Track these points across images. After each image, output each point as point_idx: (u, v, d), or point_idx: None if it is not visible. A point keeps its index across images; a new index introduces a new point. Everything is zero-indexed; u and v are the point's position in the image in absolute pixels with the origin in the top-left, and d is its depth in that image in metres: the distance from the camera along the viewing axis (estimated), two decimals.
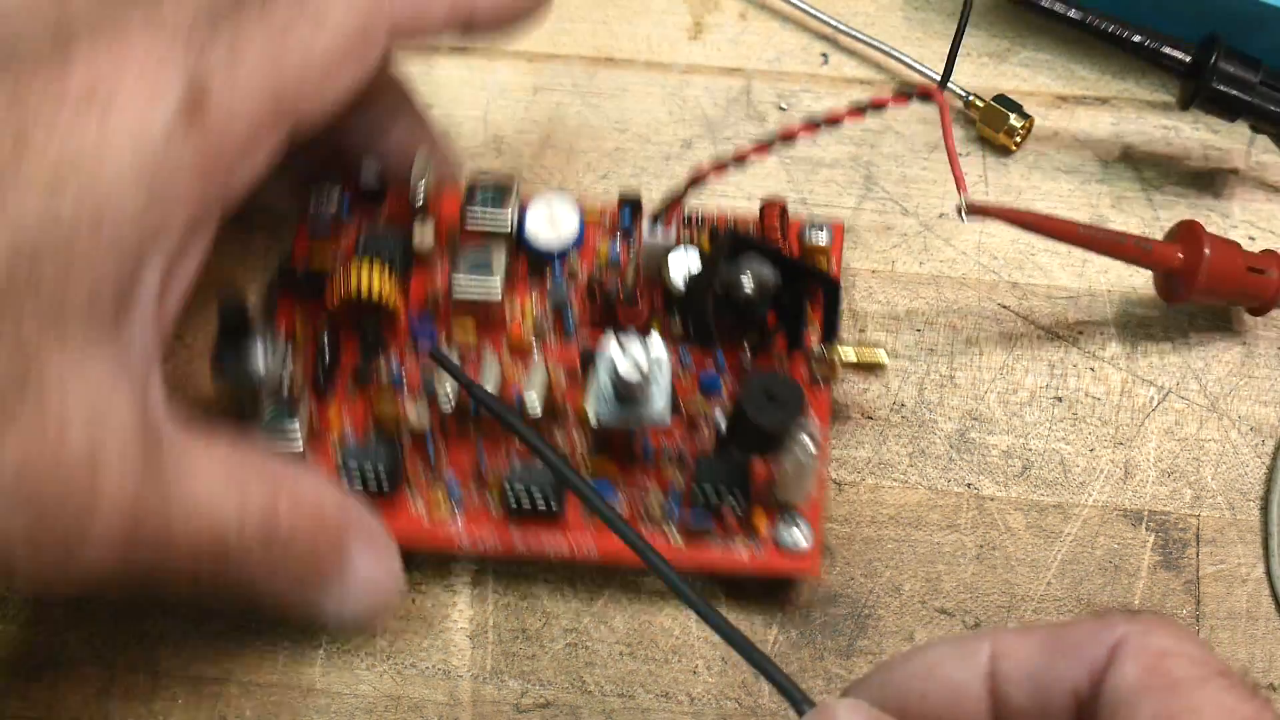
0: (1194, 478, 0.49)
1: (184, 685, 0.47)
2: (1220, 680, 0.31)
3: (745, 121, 0.56)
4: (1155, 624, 0.32)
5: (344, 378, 0.49)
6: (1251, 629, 0.47)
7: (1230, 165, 0.55)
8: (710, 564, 0.46)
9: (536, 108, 0.57)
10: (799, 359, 0.49)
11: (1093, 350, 0.52)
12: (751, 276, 0.47)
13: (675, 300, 0.49)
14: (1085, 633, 0.33)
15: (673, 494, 0.47)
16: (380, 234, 0.50)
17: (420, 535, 0.46)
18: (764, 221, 0.50)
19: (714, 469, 0.46)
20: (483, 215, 0.49)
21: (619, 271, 0.50)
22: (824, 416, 0.48)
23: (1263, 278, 0.50)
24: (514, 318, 0.50)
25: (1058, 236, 0.48)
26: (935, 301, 0.53)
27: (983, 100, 0.55)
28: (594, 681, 0.47)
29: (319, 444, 0.48)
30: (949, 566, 0.48)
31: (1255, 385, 0.51)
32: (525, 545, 0.46)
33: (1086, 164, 0.55)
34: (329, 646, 0.47)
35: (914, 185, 0.55)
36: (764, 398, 0.44)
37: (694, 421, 0.48)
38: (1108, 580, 0.48)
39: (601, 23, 0.59)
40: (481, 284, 0.48)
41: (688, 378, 0.49)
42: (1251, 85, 0.51)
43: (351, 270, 0.48)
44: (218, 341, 0.47)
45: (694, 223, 0.51)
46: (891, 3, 0.59)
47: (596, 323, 0.49)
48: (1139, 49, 0.51)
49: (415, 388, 0.48)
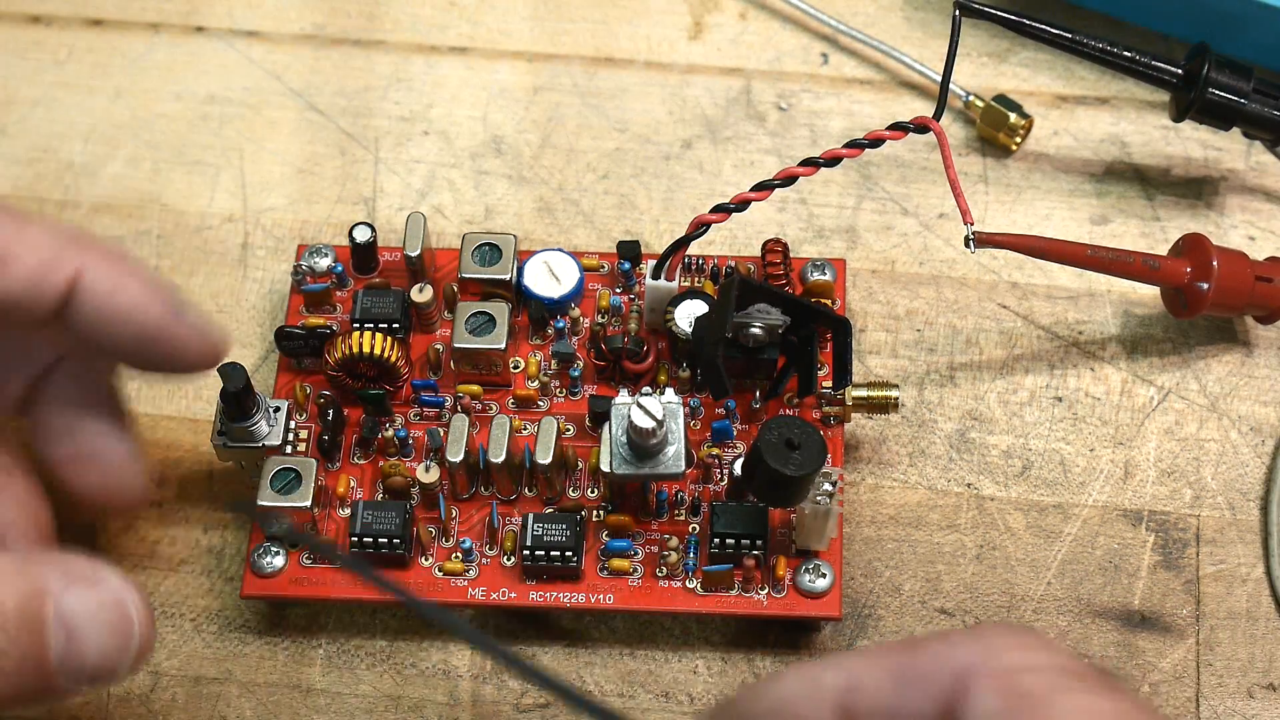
0: (1194, 478, 0.49)
1: (184, 685, 0.47)
2: (1077, 684, 0.30)
3: (745, 121, 0.56)
4: (1000, 642, 0.32)
5: (348, 441, 0.49)
6: (1251, 629, 0.47)
7: (1229, 165, 0.55)
8: (730, 610, 0.46)
9: (536, 108, 0.57)
10: (809, 400, 0.48)
11: (1093, 350, 0.52)
12: (760, 321, 0.46)
13: (682, 346, 0.48)
14: (932, 659, 0.32)
15: (690, 543, 0.47)
16: (377, 292, 0.50)
17: (434, 593, 0.46)
18: (766, 260, 0.50)
19: (731, 517, 0.46)
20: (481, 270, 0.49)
21: (622, 321, 0.50)
22: (837, 458, 0.48)
23: (1271, 286, 0.49)
24: (518, 371, 0.49)
25: (1066, 260, 0.48)
26: (935, 301, 0.53)
27: (983, 100, 0.55)
28: (594, 681, 0.47)
29: (328, 506, 0.48)
30: (949, 566, 0.48)
31: (1255, 385, 0.51)
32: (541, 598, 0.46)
33: (1086, 164, 0.55)
34: (329, 646, 0.47)
35: (914, 185, 0.55)
36: (784, 447, 0.43)
37: (707, 469, 0.48)
38: (1108, 580, 0.48)
39: (601, 23, 0.59)
40: (483, 338, 0.48)
41: (699, 424, 0.48)
42: (1244, 94, 0.51)
43: (354, 335, 0.48)
44: (219, 414, 0.47)
45: (694, 267, 0.50)
46: (891, 3, 0.59)
47: (603, 374, 0.49)
48: (1131, 65, 0.51)
49: (421, 447, 0.48)
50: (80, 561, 0.41)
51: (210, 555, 0.49)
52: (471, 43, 0.58)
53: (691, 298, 0.48)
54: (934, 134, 0.47)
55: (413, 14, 0.59)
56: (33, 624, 0.39)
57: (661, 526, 0.47)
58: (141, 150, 0.56)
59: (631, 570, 0.46)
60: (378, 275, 0.51)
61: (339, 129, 0.56)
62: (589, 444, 0.48)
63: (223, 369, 0.45)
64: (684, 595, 0.46)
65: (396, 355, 0.48)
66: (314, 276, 0.50)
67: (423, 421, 0.49)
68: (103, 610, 0.40)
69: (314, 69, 0.58)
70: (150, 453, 0.50)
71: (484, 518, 0.47)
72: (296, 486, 0.46)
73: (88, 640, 0.40)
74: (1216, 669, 0.47)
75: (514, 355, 0.49)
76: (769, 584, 0.46)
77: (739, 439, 0.48)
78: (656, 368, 0.49)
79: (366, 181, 0.55)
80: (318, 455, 0.48)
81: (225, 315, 0.53)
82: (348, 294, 0.51)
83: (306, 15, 0.59)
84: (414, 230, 0.50)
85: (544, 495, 0.47)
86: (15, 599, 0.39)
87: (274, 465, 0.46)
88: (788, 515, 0.46)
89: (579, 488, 0.48)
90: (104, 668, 0.41)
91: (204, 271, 0.54)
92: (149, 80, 0.58)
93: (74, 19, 0.59)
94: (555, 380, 0.49)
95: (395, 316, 0.49)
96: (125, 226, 0.55)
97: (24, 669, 0.39)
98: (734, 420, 0.48)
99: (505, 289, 0.50)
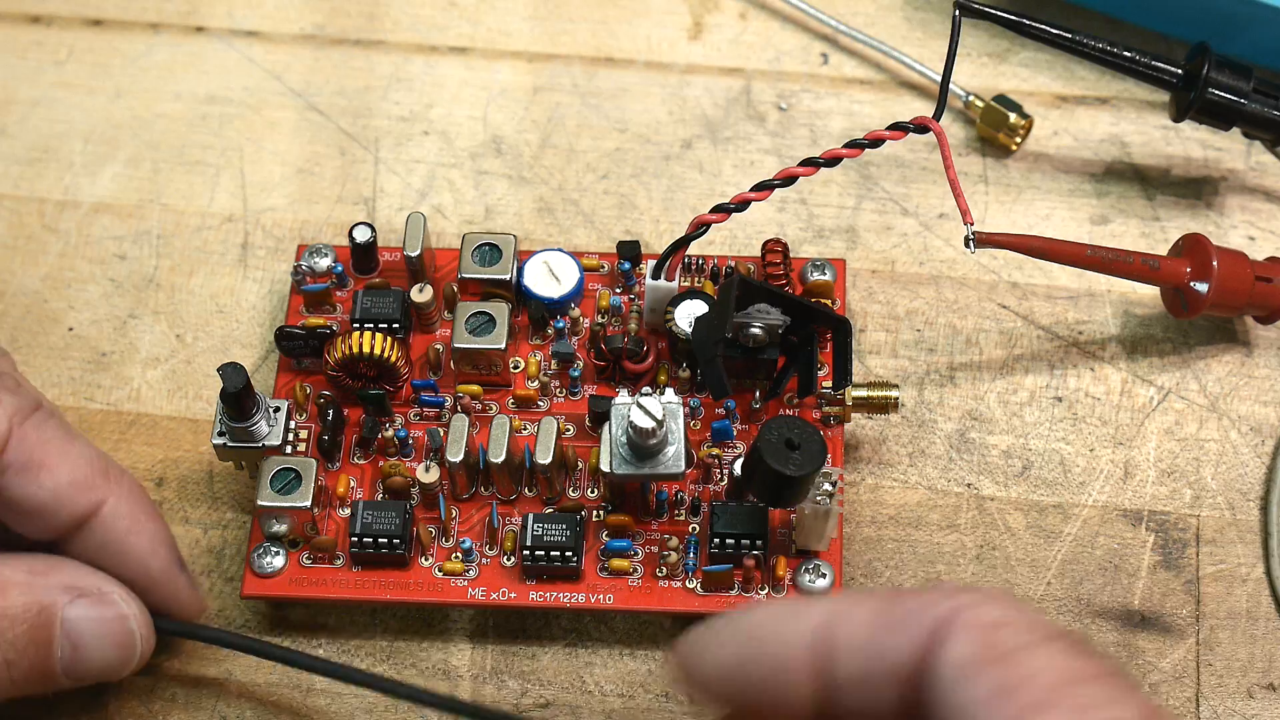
0: (1194, 478, 0.49)
1: (184, 685, 0.47)
2: (1057, 643, 0.30)
3: (745, 121, 0.56)
4: (987, 596, 0.31)
5: (348, 441, 0.49)
6: (1251, 629, 0.47)
7: (1229, 165, 0.55)
8: (730, 610, 0.46)
9: (536, 108, 0.57)
10: (809, 400, 0.48)
11: (1093, 350, 0.52)
12: (760, 320, 0.46)
13: (682, 347, 0.48)
14: (914, 606, 0.32)
15: (690, 543, 0.47)
16: (377, 292, 0.50)
17: (434, 593, 0.46)
18: (766, 260, 0.50)
19: (731, 517, 0.46)
20: (481, 271, 0.49)
21: (622, 321, 0.50)
22: (837, 458, 0.48)
23: (1270, 287, 0.49)
24: (518, 371, 0.49)
25: (1065, 260, 0.48)
26: (935, 301, 0.53)
27: (983, 100, 0.55)
28: (594, 681, 0.47)
29: (328, 506, 0.48)
30: (949, 566, 0.48)
31: (1255, 385, 0.51)
32: (541, 598, 0.46)
33: (1086, 164, 0.55)
34: (329, 646, 0.47)
35: (914, 185, 0.55)
36: (784, 447, 0.43)
37: (707, 469, 0.48)
38: (1108, 580, 0.48)
39: (601, 23, 0.59)
40: (483, 338, 0.48)
41: (698, 424, 0.48)
42: (1244, 94, 0.51)
43: (354, 335, 0.48)
44: (219, 414, 0.47)
45: (694, 267, 0.50)
46: (891, 3, 0.59)
47: (603, 374, 0.49)
48: (1131, 65, 0.51)
49: (422, 447, 0.48)
50: (86, 574, 0.43)
51: (210, 555, 0.49)
52: (471, 43, 0.58)
53: (691, 298, 0.48)
54: (934, 134, 0.47)
55: (413, 14, 0.59)
56: (40, 637, 0.42)
57: (661, 526, 0.47)
58: (141, 150, 0.56)
59: (631, 570, 0.46)
60: (378, 275, 0.51)
61: (339, 129, 0.56)
62: (589, 444, 0.48)
63: (223, 369, 0.45)
64: (684, 595, 0.46)
65: (396, 355, 0.48)
66: (314, 276, 0.50)
67: (423, 421, 0.49)
68: (106, 625, 0.43)
69: (314, 69, 0.58)
70: (150, 452, 0.51)
71: (484, 518, 0.47)
72: (296, 486, 0.46)
73: (91, 652, 0.43)
74: (1216, 669, 0.47)
75: (514, 355, 0.49)
76: (769, 584, 0.46)
77: (739, 439, 0.48)
78: (656, 368, 0.49)
79: (366, 181, 0.55)
80: (318, 455, 0.48)
81: (225, 315, 0.53)
82: (348, 294, 0.51)
83: (306, 15, 0.59)
84: (414, 230, 0.50)
85: (544, 495, 0.47)
86: (24, 615, 0.41)
87: (274, 465, 0.46)
88: (788, 515, 0.46)
89: (579, 488, 0.48)
90: (105, 675, 0.44)
91: (204, 271, 0.54)
92: (149, 80, 0.58)
93: (74, 19, 0.59)
94: (555, 380, 0.49)
95: (395, 316, 0.49)
96: (125, 226, 0.55)
97: (30, 676, 0.42)
98: (734, 420, 0.48)
99: (505, 289, 0.50)
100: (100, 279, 0.54)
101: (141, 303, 0.53)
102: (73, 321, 0.53)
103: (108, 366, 0.52)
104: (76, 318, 0.53)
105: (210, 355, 0.52)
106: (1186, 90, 0.51)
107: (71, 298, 0.53)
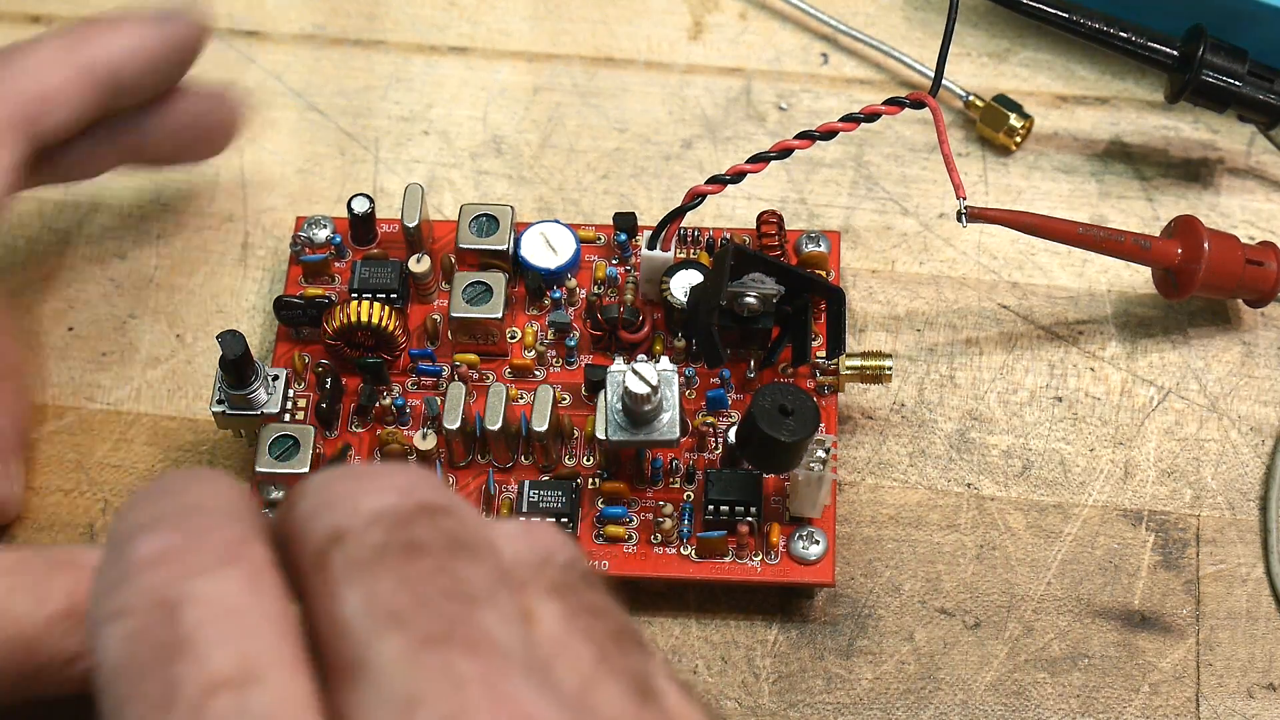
0: (1194, 477, 0.49)
1: None
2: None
3: (745, 121, 0.56)
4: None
5: (346, 409, 0.49)
6: (1251, 629, 0.47)
7: (1229, 165, 0.55)
8: (724, 576, 0.46)
9: (536, 108, 0.57)
10: (803, 370, 0.48)
11: (1093, 350, 0.52)
12: (755, 290, 0.46)
13: (677, 317, 0.49)
14: None
15: (684, 510, 0.47)
16: (375, 263, 0.50)
17: None
18: (761, 232, 0.50)
19: (725, 484, 0.46)
20: (478, 241, 0.50)
21: (618, 291, 0.50)
22: (831, 426, 0.48)
23: (1261, 270, 0.50)
24: (515, 340, 0.49)
25: (1057, 237, 0.49)
26: (935, 301, 0.53)
27: (983, 100, 0.55)
28: None
29: None
30: (949, 566, 0.48)
31: (1255, 385, 0.51)
32: None
33: (1086, 164, 0.55)
34: None
35: (914, 185, 0.55)
36: (778, 413, 0.43)
37: (702, 437, 0.48)
38: (1108, 580, 0.48)
39: (601, 23, 0.59)
40: (480, 307, 0.48)
41: (693, 393, 0.48)
42: (1239, 76, 0.51)
43: (352, 304, 0.48)
44: (218, 382, 0.47)
45: (689, 238, 0.51)
46: (891, 3, 0.59)
47: (599, 343, 0.49)
48: (1126, 46, 0.51)
49: (419, 415, 0.48)
50: None
51: None
52: (471, 43, 0.58)
53: (687, 268, 0.49)
54: (929, 109, 0.47)
55: (413, 14, 0.59)
56: None
57: (656, 494, 0.47)
58: None
59: (626, 537, 0.47)
60: (376, 246, 0.51)
61: (339, 129, 0.56)
62: (585, 412, 0.48)
63: (222, 337, 0.45)
64: (678, 561, 0.46)
65: (394, 324, 0.48)
66: (312, 247, 0.50)
67: (420, 390, 0.49)
68: None
69: (314, 69, 0.58)
70: (150, 452, 0.51)
71: (480, 485, 0.47)
72: (295, 453, 0.46)
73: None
74: (1216, 669, 0.47)
75: (511, 325, 0.50)
76: (763, 550, 0.46)
77: (733, 408, 0.48)
78: (652, 337, 0.49)
79: (366, 181, 0.55)
80: (316, 423, 0.48)
81: (225, 315, 0.53)
82: (346, 265, 0.51)
83: (306, 15, 0.59)
84: (412, 201, 0.50)
85: (540, 463, 0.48)
86: None
87: (272, 432, 0.46)
88: (781, 482, 0.47)
89: (575, 455, 0.48)
90: None
91: (204, 271, 0.54)
92: None
93: (74, 19, 0.59)
94: (552, 350, 0.49)
95: (393, 287, 0.49)
96: (125, 226, 0.55)
97: None
98: (729, 390, 0.48)
99: (502, 260, 0.50)
100: (100, 279, 0.54)
101: (141, 303, 0.53)
102: (73, 321, 0.53)
103: (108, 366, 0.52)
104: (76, 318, 0.53)
105: (210, 355, 0.52)
106: (1182, 72, 0.52)
107: (71, 298, 0.53)
